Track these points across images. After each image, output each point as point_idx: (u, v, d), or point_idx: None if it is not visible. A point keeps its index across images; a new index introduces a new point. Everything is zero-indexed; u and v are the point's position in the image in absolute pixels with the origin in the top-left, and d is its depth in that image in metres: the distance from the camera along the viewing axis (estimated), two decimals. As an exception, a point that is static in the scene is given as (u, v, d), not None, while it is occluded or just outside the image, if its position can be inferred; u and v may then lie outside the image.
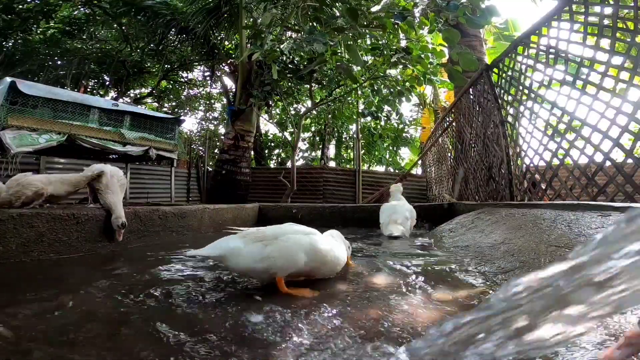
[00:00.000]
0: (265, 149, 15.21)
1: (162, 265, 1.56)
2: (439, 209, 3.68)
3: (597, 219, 1.37)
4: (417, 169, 11.39)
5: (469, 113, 4.43)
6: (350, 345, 0.77)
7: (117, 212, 1.97)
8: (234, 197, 6.75)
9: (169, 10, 8.09)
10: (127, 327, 0.87)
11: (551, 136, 2.55)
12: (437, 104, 13.11)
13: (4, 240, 1.58)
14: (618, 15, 1.98)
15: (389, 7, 5.13)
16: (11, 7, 9.12)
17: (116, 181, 2.12)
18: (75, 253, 1.82)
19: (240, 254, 1.14)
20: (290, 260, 1.16)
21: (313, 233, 1.29)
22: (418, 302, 1.08)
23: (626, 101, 1.90)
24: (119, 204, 2.02)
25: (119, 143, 7.56)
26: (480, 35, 6.70)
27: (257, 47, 4.19)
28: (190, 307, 1.02)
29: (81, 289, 1.18)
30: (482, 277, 1.37)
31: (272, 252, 1.14)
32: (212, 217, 2.89)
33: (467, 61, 3.62)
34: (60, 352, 0.73)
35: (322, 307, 1.01)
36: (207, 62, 11.37)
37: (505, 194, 3.22)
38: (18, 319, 0.89)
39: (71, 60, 11.00)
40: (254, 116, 7.33)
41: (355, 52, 4.11)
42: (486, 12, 3.46)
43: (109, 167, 2.19)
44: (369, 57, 6.67)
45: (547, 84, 2.58)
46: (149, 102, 15.62)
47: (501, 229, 1.84)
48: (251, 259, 1.14)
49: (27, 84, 6.54)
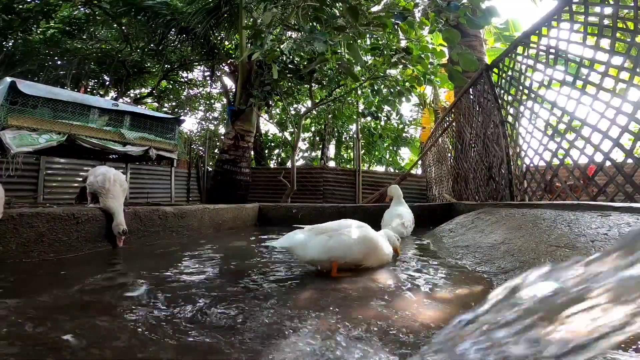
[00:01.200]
0: (265, 149, 15.20)
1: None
2: (439, 209, 3.68)
3: (597, 219, 1.37)
4: (417, 169, 11.39)
5: (469, 113, 4.43)
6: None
7: (118, 218, 1.97)
8: (234, 197, 6.74)
9: (169, 10, 8.08)
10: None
11: (551, 136, 2.55)
12: (437, 104, 13.10)
13: (4, 240, 1.58)
14: (618, 15, 1.97)
15: (389, 7, 5.13)
16: (11, 7, 9.12)
17: (119, 186, 2.11)
18: (74, 253, 1.82)
19: (308, 245, 1.36)
20: (347, 249, 1.38)
21: (365, 226, 1.51)
22: (420, 299, 1.08)
23: (626, 101, 1.90)
24: (119, 208, 2.01)
25: (119, 143, 7.56)
26: (480, 35, 6.70)
27: (257, 47, 4.18)
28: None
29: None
30: (482, 276, 1.37)
31: (334, 243, 1.36)
32: (212, 217, 2.89)
33: (467, 61, 3.61)
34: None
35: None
36: (207, 62, 11.36)
37: (505, 194, 3.22)
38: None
39: (71, 60, 11.00)
40: (254, 116, 7.33)
41: (356, 51, 4.10)
42: (486, 12, 3.46)
43: (112, 171, 2.18)
44: (369, 57, 6.67)
45: (547, 84, 2.58)
46: (149, 102, 15.61)
47: (501, 229, 1.84)
48: (317, 249, 1.36)
49: (27, 84, 6.54)
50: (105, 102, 8.08)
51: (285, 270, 1.56)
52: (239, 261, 1.77)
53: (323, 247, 1.35)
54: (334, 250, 1.36)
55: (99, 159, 8.17)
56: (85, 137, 6.94)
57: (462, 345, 0.38)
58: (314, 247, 1.36)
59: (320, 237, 1.37)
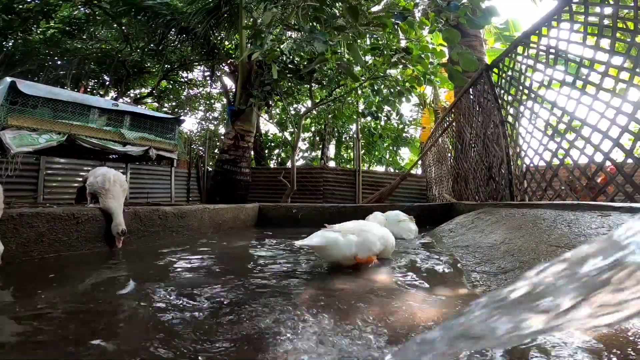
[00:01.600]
0: (265, 149, 15.20)
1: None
2: (439, 209, 3.68)
3: (597, 219, 1.37)
4: (417, 169, 11.39)
5: (469, 113, 4.43)
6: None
7: (118, 219, 1.96)
8: (234, 197, 6.75)
9: (169, 10, 8.08)
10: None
11: (551, 136, 2.55)
12: (437, 104, 13.10)
13: (4, 240, 1.58)
14: (618, 15, 1.97)
15: (389, 7, 5.13)
16: (11, 7, 9.11)
17: (119, 187, 2.11)
18: (74, 252, 1.82)
19: (338, 243, 1.50)
20: (373, 246, 1.60)
21: (382, 227, 1.79)
22: (421, 296, 1.09)
23: (626, 101, 1.89)
24: (119, 209, 2.01)
25: (119, 143, 7.56)
26: (480, 35, 6.70)
27: (257, 47, 4.18)
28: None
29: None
30: (483, 276, 1.37)
31: (361, 241, 1.56)
32: (212, 217, 2.89)
33: (467, 61, 3.61)
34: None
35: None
36: (207, 62, 11.36)
37: (505, 194, 3.22)
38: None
39: (71, 60, 11.00)
40: (254, 116, 7.33)
41: (356, 51, 4.10)
42: (486, 12, 3.46)
43: (112, 172, 2.17)
44: (369, 57, 6.67)
45: (547, 84, 2.58)
46: (149, 102, 15.61)
47: (501, 229, 1.84)
48: (347, 247, 1.52)
49: (27, 84, 6.54)
50: (105, 102, 8.07)
51: (285, 269, 1.57)
52: (239, 261, 1.77)
53: (352, 244, 1.53)
54: (361, 247, 1.55)
55: (99, 159, 8.17)
56: (85, 137, 6.94)
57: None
58: (345, 244, 1.52)
59: (350, 237, 1.54)
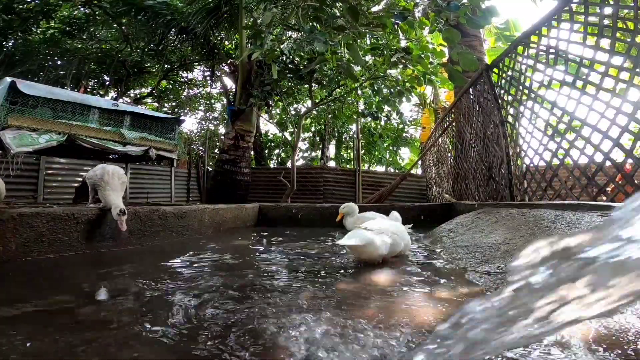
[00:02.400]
0: (265, 149, 15.20)
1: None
2: (439, 209, 3.68)
3: (597, 219, 1.37)
4: (417, 169, 11.39)
5: (469, 113, 4.43)
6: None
7: (116, 202, 1.97)
8: (234, 197, 6.74)
9: (169, 10, 8.08)
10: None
11: (551, 136, 2.55)
12: (437, 104, 13.10)
13: (4, 240, 1.58)
14: (618, 15, 1.97)
15: (389, 7, 5.13)
16: (11, 7, 9.12)
17: (117, 179, 2.13)
18: (74, 252, 1.82)
19: (374, 243, 1.58)
20: (398, 246, 1.74)
21: (401, 226, 1.95)
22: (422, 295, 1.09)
23: (626, 101, 1.90)
24: (118, 200, 2.03)
25: (119, 143, 7.56)
26: (480, 35, 6.70)
27: (257, 47, 4.18)
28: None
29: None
30: (483, 276, 1.37)
31: (392, 243, 1.68)
32: (212, 217, 2.89)
33: (467, 61, 3.61)
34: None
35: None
36: (207, 62, 11.36)
37: (505, 194, 3.22)
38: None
39: (71, 60, 11.00)
40: (254, 116, 7.33)
41: (356, 51, 4.10)
42: (486, 12, 3.46)
43: (111, 166, 2.20)
44: (369, 57, 6.67)
45: (547, 84, 2.58)
46: (149, 102, 15.61)
47: (501, 229, 1.84)
48: (382, 248, 1.61)
49: (27, 84, 6.55)
50: (105, 102, 8.08)
51: (285, 269, 1.57)
52: (240, 261, 1.77)
53: (386, 244, 1.64)
54: (392, 246, 1.68)
55: (99, 159, 8.17)
56: (85, 137, 6.94)
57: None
58: (380, 244, 1.62)
59: (384, 238, 1.64)
